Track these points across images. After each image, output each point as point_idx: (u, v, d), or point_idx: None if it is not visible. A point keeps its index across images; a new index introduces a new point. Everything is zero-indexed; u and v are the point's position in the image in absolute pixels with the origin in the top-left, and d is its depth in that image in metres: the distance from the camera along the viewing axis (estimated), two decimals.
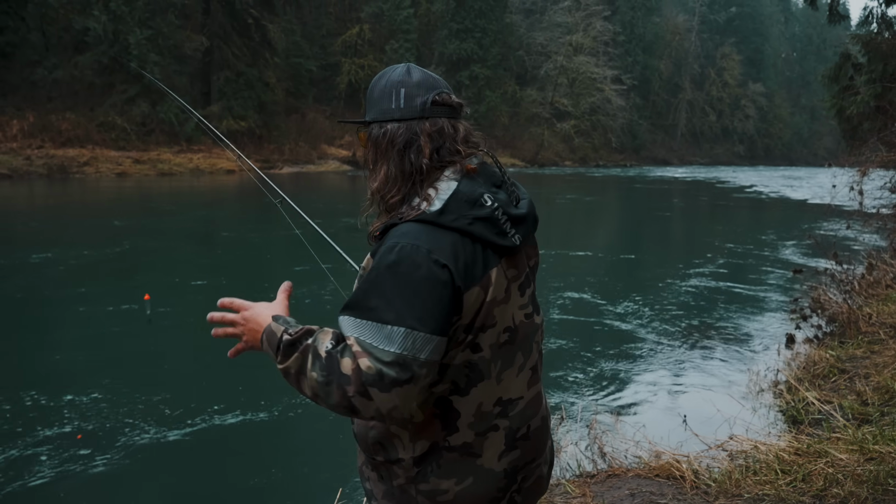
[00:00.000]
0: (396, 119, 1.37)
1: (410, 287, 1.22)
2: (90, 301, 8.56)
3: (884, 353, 5.39)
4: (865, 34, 12.74)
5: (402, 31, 51.56)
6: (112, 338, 7.09)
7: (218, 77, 38.49)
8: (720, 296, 9.83)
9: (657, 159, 69.97)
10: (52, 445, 4.57)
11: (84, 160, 30.09)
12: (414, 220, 1.29)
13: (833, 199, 10.43)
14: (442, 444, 1.34)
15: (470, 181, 1.34)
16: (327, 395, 1.26)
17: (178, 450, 4.64)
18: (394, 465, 1.37)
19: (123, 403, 5.27)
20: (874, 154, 10.22)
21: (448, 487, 1.35)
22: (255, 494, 4.17)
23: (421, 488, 1.35)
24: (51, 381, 5.76)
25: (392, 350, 1.21)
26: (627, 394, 5.88)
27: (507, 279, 1.36)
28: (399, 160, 1.35)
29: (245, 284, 9.70)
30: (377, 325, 1.22)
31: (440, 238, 1.27)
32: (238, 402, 5.45)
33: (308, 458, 4.68)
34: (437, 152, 1.36)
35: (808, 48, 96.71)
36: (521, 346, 1.41)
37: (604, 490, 3.50)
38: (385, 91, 1.41)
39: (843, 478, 3.21)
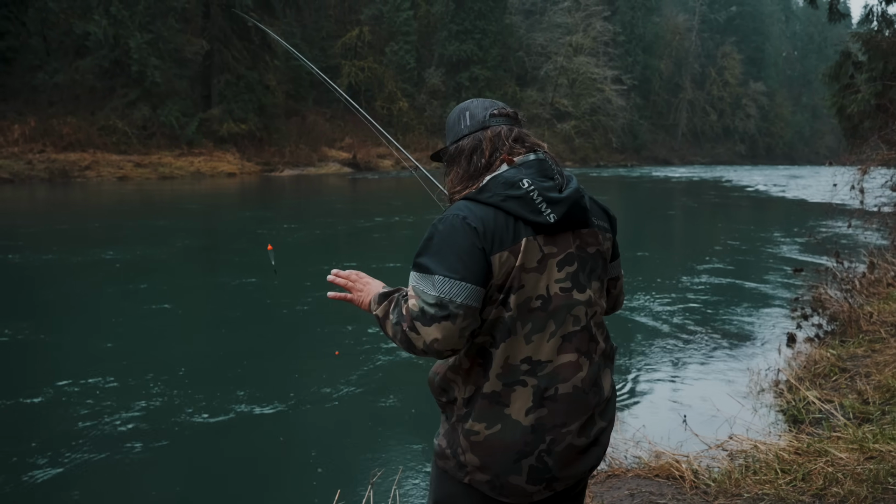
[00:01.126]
0: (465, 135, 1.73)
1: (448, 245, 1.53)
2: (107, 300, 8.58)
3: (885, 352, 5.37)
4: (866, 32, 12.72)
5: (402, 32, 51.60)
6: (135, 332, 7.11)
7: (218, 80, 38.54)
8: (721, 294, 9.81)
9: (658, 159, 69.91)
10: (49, 441, 4.57)
11: (85, 164, 30.16)
12: (462, 199, 1.63)
13: (834, 198, 10.43)
14: (480, 390, 1.60)
15: (515, 170, 1.63)
16: (395, 334, 1.59)
17: (170, 449, 4.64)
18: (452, 404, 1.67)
19: (128, 396, 5.27)
20: (875, 152, 10.21)
21: (480, 430, 1.59)
22: (252, 495, 4.17)
23: (464, 427, 1.62)
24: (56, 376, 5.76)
25: (433, 293, 1.51)
26: (628, 393, 5.87)
27: (543, 252, 1.59)
28: (466, 164, 1.69)
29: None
30: (424, 275, 1.54)
31: (476, 209, 1.57)
32: (236, 403, 5.45)
33: (307, 460, 4.68)
34: (494, 152, 1.67)
35: (809, 47, 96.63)
36: (554, 315, 1.60)
37: (603, 490, 3.49)
38: (456, 119, 1.78)
39: (842, 477, 3.20)
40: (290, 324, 7.92)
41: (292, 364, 6.43)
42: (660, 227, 20.22)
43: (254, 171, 37.04)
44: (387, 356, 6.54)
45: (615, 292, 1.91)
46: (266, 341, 7.25)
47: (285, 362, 6.47)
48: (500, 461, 1.58)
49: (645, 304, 9.13)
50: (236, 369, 6.23)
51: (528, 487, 1.59)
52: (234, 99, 38.40)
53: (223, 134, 37.14)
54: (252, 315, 8.36)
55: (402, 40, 51.59)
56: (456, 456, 1.63)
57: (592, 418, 1.66)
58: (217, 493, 4.17)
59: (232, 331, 7.67)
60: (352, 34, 49.08)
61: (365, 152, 45.01)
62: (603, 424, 1.70)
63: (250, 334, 7.48)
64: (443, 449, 1.67)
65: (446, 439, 1.67)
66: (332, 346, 6.92)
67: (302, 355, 6.68)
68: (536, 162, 1.65)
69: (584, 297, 1.64)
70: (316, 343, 7.05)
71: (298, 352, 6.80)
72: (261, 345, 7.11)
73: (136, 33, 33.76)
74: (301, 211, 21.07)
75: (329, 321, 7.81)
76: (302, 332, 7.46)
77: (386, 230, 17.11)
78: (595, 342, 1.68)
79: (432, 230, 1.57)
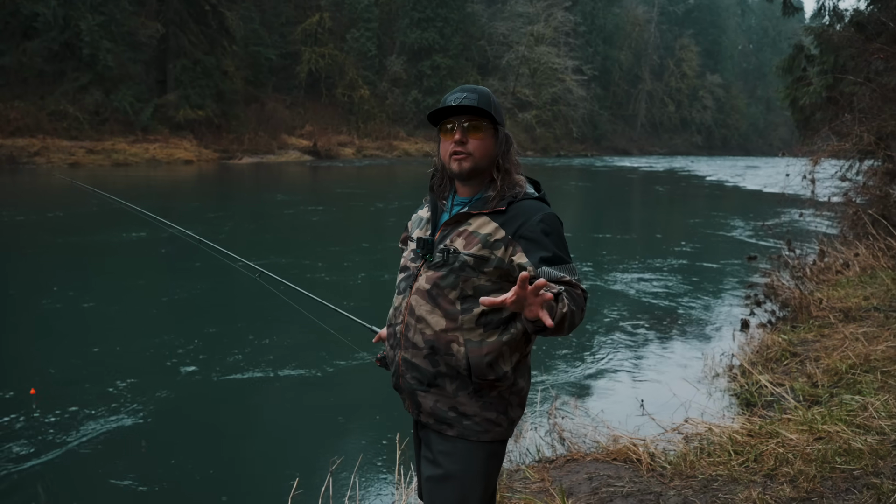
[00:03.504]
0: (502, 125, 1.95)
1: (564, 238, 1.84)
2: None
3: (833, 337, 5.54)
4: (818, 26, 13.00)
5: (363, 19, 51.06)
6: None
7: (174, 65, 37.57)
8: (678, 282, 10.00)
9: (618, 149, 70.79)
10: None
11: (34, 150, 29.13)
12: (534, 199, 1.89)
13: (787, 188, 10.68)
14: (522, 354, 1.88)
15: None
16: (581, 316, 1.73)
17: (127, 439, 4.53)
18: (499, 380, 1.84)
19: (87, 390, 5.13)
20: (826, 144, 10.47)
21: (523, 385, 1.93)
22: (211, 483, 4.10)
23: (513, 390, 1.88)
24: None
25: (578, 277, 1.78)
26: (587, 380, 5.94)
27: None
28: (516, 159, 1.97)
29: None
30: (572, 265, 1.79)
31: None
32: (193, 394, 5.35)
33: (266, 448, 4.62)
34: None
35: (764, 40, 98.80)
36: None
37: (562, 475, 3.53)
38: (500, 107, 1.96)
39: (792, 457, 3.29)
40: (248, 315, 7.80)
41: (251, 355, 6.33)
42: (619, 216, 20.50)
43: (211, 158, 36.29)
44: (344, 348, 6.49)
45: None
46: (224, 331, 7.13)
47: (244, 353, 6.37)
48: (526, 403, 1.97)
49: (603, 292, 9.25)
50: (193, 359, 6.12)
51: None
52: (191, 84, 37.50)
53: (179, 120, 36.27)
54: (209, 306, 8.21)
55: (363, 27, 51.05)
56: (508, 416, 1.89)
57: None
58: (175, 481, 4.09)
59: (189, 321, 7.52)
60: (312, 20, 48.33)
61: (325, 140, 44.52)
62: None
63: (208, 325, 7.34)
64: (492, 420, 1.86)
65: (494, 410, 1.86)
66: (292, 337, 6.84)
67: (261, 346, 6.59)
68: None
69: None
70: (275, 334, 6.96)
71: (257, 342, 6.70)
72: (219, 335, 6.99)
73: (87, 15, 32.64)
74: (261, 199, 20.76)
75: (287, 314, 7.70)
76: (260, 324, 7.35)
77: (346, 218, 16.98)
78: None
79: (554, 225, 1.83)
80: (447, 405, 1.86)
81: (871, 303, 6.33)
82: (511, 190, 1.88)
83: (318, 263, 10.55)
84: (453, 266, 1.82)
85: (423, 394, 1.90)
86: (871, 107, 9.62)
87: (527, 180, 1.96)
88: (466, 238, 1.83)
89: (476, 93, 1.88)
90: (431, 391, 1.88)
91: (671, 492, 3.16)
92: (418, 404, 1.92)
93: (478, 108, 1.84)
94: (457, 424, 1.85)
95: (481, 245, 1.80)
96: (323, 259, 10.93)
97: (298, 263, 10.52)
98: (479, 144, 1.86)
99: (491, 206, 1.85)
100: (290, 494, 3.11)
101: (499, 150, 1.90)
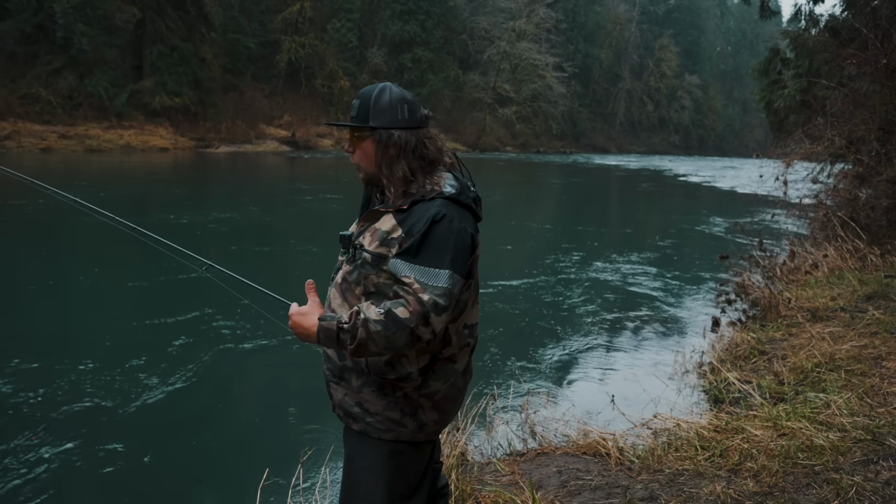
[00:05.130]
0: (403, 127, 1.83)
1: (450, 243, 1.73)
2: None
3: (800, 336, 5.65)
4: (794, 30, 13.21)
5: (345, 10, 50.73)
6: None
7: (151, 51, 37.01)
8: (650, 279, 10.11)
9: (596, 147, 71.25)
10: None
11: (5, 134, 28.55)
12: (440, 198, 1.80)
13: (760, 189, 10.84)
14: (437, 356, 1.84)
15: (455, 173, 1.90)
16: (396, 342, 1.68)
17: (95, 432, 4.49)
18: (402, 380, 1.81)
19: (57, 380, 5.05)
20: (798, 146, 10.65)
21: (439, 388, 1.86)
22: (181, 475, 4.08)
23: (423, 392, 1.84)
24: None
25: (441, 285, 1.69)
26: (559, 375, 6.00)
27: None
28: (413, 158, 1.82)
29: None
30: (431, 269, 1.71)
31: (462, 211, 1.82)
32: (161, 385, 5.31)
33: (236, 439, 4.60)
34: (439, 152, 1.88)
35: (742, 42, 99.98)
36: (476, 287, 1.95)
37: (532, 468, 3.56)
38: (391, 105, 1.83)
39: (757, 452, 3.36)
40: (214, 304, 7.74)
41: (221, 346, 6.29)
42: (594, 214, 20.65)
43: (188, 146, 35.85)
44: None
45: None
46: (188, 321, 7.07)
47: (210, 343, 6.32)
48: (450, 408, 1.92)
49: (576, 289, 9.33)
50: (162, 351, 6.06)
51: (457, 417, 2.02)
52: (168, 71, 36.97)
53: (155, 107, 35.76)
54: (177, 298, 8.12)
55: (344, 18, 50.71)
56: (416, 419, 1.86)
57: None
58: (143, 473, 4.06)
59: (155, 313, 7.44)
60: (293, 9, 47.88)
61: (304, 131, 44.21)
62: None
63: (175, 316, 7.27)
64: (395, 420, 1.85)
65: (398, 410, 1.84)
66: (261, 327, 6.80)
67: (231, 337, 6.55)
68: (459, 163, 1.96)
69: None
70: (245, 326, 6.92)
71: (227, 334, 6.65)
72: (187, 326, 6.93)
73: None
74: (237, 189, 20.56)
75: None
76: (226, 313, 7.29)
77: (321, 211, 16.89)
78: None
79: (435, 227, 1.73)
80: (353, 400, 1.88)
81: (838, 303, 6.46)
82: (422, 189, 1.81)
83: (278, 255, 10.49)
84: (357, 262, 1.84)
85: (334, 386, 1.94)
86: (842, 111, 9.80)
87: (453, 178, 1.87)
88: (371, 235, 1.83)
89: (359, 99, 1.87)
90: (341, 384, 1.91)
91: (638, 485, 3.21)
92: (330, 395, 1.96)
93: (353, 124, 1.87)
94: (360, 420, 1.87)
95: (379, 242, 1.80)
96: (284, 250, 10.87)
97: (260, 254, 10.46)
98: (362, 155, 1.88)
99: (397, 205, 1.82)
100: (260, 485, 3.10)
101: (380, 155, 1.84)
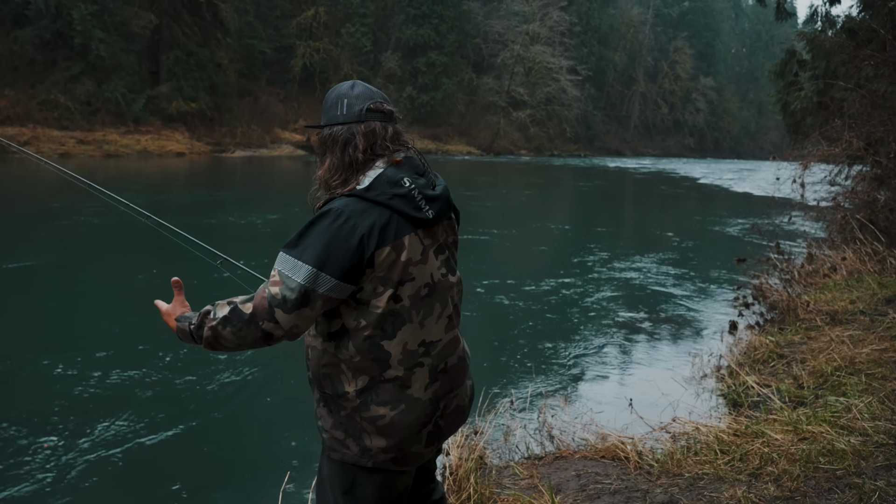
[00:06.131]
0: (340, 122, 1.75)
1: (326, 239, 1.60)
2: None
3: (819, 339, 5.60)
4: (810, 32, 13.10)
5: (359, 14, 50.94)
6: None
7: (168, 56, 37.42)
8: (667, 283, 10.07)
9: (610, 150, 71.03)
10: None
11: (25, 139, 28.93)
12: (347, 195, 1.67)
13: (776, 192, 10.75)
14: (379, 378, 1.70)
15: (395, 168, 1.72)
16: (245, 337, 1.65)
17: (115, 438, 4.54)
18: (340, 398, 1.72)
19: (74, 381, 5.12)
20: (816, 148, 10.56)
21: (385, 413, 1.70)
22: (203, 478, 4.12)
23: (364, 415, 1.71)
24: None
25: (298, 281, 1.59)
26: (576, 379, 5.99)
27: (424, 245, 1.73)
28: (340, 153, 1.73)
29: None
30: (294, 261, 1.61)
31: (363, 208, 1.64)
32: (180, 388, 5.36)
33: (257, 441, 4.64)
34: (371, 148, 1.72)
35: (757, 44, 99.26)
36: (439, 298, 1.78)
37: (551, 472, 3.56)
38: (333, 102, 1.78)
39: (777, 457, 3.34)
40: None
41: None
42: (611, 216, 20.58)
43: (204, 151, 36.16)
44: None
45: None
46: None
47: None
48: (406, 436, 1.73)
49: (594, 292, 9.30)
50: (180, 350, 6.12)
51: (425, 451, 1.79)
52: (184, 76, 37.35)
53: (172, 112, 36.13)
54: (196, 297, 8.19)
55: (358, 22, 50.93)
56: (359, 443, 1.73)
57: (466, 380, 1.92)
58: (163, 475, 4.10)
59: None
60: (307, 14, 48.21)
61: None
62: (471, 382, 1.96)
63: None
64: (340, 440, 1.75)
65: (341, 430, 1.74)
66: None
67: None
68: (407, 160, 1.77)
69: (454, 279, 1.86)
70: None
71: None
72: None
73: (79, 3, 32.44)
74: (252, 193, 20.70)
75: None
76: None
77: None
78: (460, 316, 1.91)
79: (316, 218, 1.64)
80: (316, 413, 1.83)
81: (857, 306, 6.40)
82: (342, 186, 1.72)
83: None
84: None
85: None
86: (860, 112, 9.71)
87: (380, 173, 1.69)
88: None
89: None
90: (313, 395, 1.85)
91: (658, 489, 3.20)
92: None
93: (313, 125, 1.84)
94: (321, 434, 1.82)
95: None
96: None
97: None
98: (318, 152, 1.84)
99: (317, 206, 1.74)
100: (282, 487, 3.13)
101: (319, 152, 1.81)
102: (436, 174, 1.84)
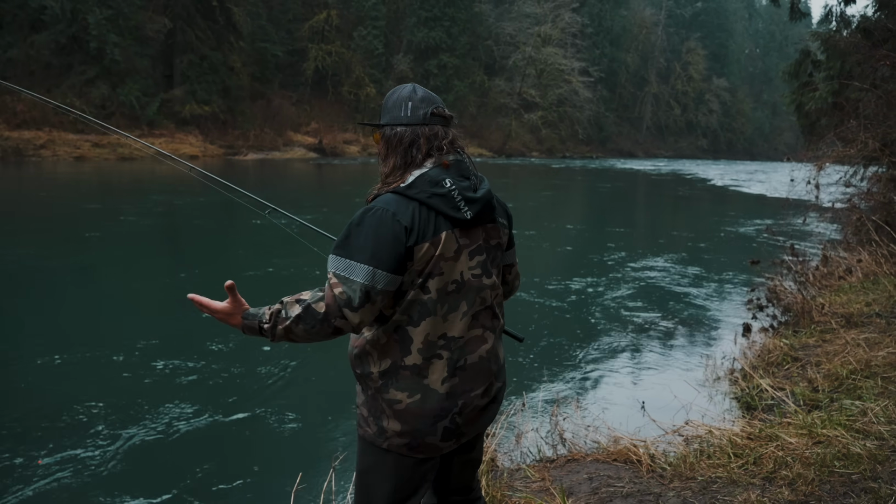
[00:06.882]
0: (404, 124, 1.84)
1: (375, 236, 1.69)
2: None
3: (834, 342, 5.55)
4: (825, 32, 12.99)
5: (371, 17, 51.11)
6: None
7: (181, 60, 37.71)
8: (681, 285, 10.01)
9: (623, 151, 70.77)
10: None
11: (41, 143, 29.30)
12: (390, 192, 1.77)
13: (791, 193, 10.67)
14: (399, 363, 1.79)
15: (440, 170, 1.79)
16: (318, 334, 1.72)
17: (130, 437, 4.57)
18: (367, 378, 1.84)
19: (90, 383, 5.17)
20: (830, 149, 10.47)
21: (402, 399, 1.79)
22: (215, 478, 4.14)
23: (384, 397, 1.81)
24: None
25: (358, 280, 1.67)
26: (588, 381, 5.96)
27: (459, 244, 1.80)
28: (403, 154, 1.82)
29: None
30: (347, 262, 1.69)
31: (404, 204, 1.73)
32: (195, 389, 5.39)
33: (269, 443, 4.66)
34: (430, 150, 1.82)
35: (771, 45, 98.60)
36: (466, 296, 1.84)
37: (563, 474, 3.55)
38: (396, 103, 1.87)
39: (791, 460, 3.31)
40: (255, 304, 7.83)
41: (252, 352, 6.37)
42: (624, 217, 20.50)
43: (217, 154, 36.41)
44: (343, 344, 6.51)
45: (510, 277, 2.14)
46: (225, 330, 7.15)
47: (245, 350, 6.40)
48: (419, 425, 1.80)
49: (606, 294, 9.27)
50: (194, 355, 6.16)
51: (441, 444, 1.85)
52: (198, 80, 37.64)
53: (185, 115, 36.42)
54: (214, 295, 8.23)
55: (370, 25, 51.09)
56: (378, 423, 1.83)
57: (492, 382, 1.93)
58: (174, 476, 4.13)
59: (188, 319, 7.56)
60: (319, 17, 48.42)
61: (331, 137, 44.60)
62: (499, 385, 1.98)
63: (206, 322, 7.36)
64: (365, 417, 1.88)
65: (366, 408, 1.87)
66: None
67: (263, 343, 6.62)
68: (456, 163, 1.84)
69: (489, 282, 1.90)
70: None
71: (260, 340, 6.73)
72: (219, 333, 7.03)
73: (94, 8, 32.78)
74: (265, 196, 20.77)
75: None
76: None
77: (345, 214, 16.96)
78: (497, 319, 1.95)
79: (361, 219, 1.72)
80: (356, 390, 1.96)
81: (873, 309, 6.33)
82: (394, 184, 1.80)
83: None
84: None
85: None
86: (876, 113, 9.62)
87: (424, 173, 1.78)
88: None
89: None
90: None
91: (671, 493, 3.18)
92: None
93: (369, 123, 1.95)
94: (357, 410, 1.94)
95: None
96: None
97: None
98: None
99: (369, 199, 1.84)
100: (294, 489, 3.14)
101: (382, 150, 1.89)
102: (482, 178, 1.90)
